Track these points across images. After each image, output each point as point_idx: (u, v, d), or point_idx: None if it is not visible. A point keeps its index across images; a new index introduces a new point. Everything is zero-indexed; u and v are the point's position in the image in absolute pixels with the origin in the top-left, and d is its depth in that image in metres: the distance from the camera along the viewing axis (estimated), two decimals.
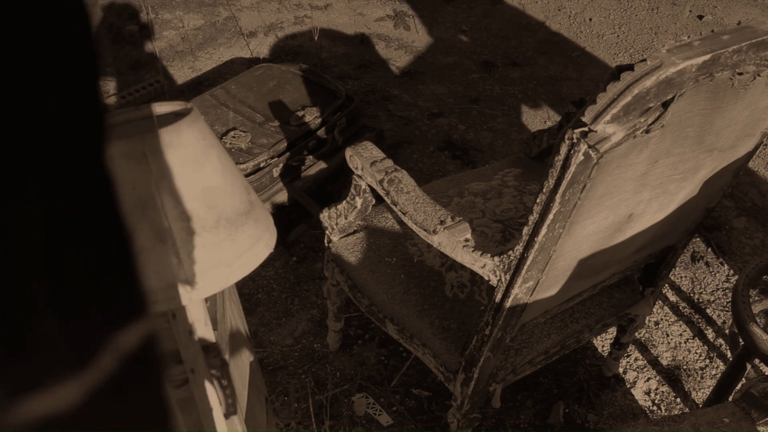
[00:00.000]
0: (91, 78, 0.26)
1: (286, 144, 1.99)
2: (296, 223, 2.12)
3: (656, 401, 1.69)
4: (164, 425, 0.34)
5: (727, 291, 1.99)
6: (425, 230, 1.17)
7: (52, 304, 0.26)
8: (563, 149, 0.83)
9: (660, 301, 1.95)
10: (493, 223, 1.35)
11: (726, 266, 2.07)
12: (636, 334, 1.76)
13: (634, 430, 1.12)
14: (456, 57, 3.12)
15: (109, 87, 2.88)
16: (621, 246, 1.14)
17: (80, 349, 0.28)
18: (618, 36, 3.27)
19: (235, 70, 2.89)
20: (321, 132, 2.09)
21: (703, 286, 2.01)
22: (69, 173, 0.26)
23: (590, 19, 3.39)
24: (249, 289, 1.95)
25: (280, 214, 2.01)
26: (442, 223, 1.15)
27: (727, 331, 1.86)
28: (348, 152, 1.33)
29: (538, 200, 0.90)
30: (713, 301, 1.96)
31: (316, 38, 3.12)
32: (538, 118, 2.74)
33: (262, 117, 2.07)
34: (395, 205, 1.24)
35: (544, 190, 0.88)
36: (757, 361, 1.63)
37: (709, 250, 2.13)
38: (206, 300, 0.78)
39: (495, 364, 1.25)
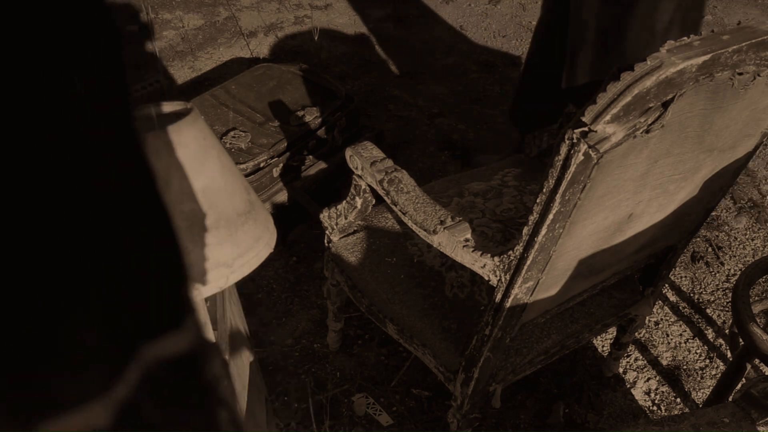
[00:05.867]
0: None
1: (286, 144, 1.99)
2: (296, 223, 2.12)
3: (656, 401, 1.69)
4: None
5: (727, 291, 1.99)
6: (425, 230, 1.17)
7: (76, 308, 0.21)
8: (563, 149, 0.83)
9: (660, 301, 1.95)
10: (493, 223, 1.35)
11: (726, 266, 2.07)
12: (636, 334, 1.76)
13: (634, 430, 1.12)
14: (456, 57, 3.12)
15: None
16: (621, 246, 1.14)
17: (108, 362, 0.22)
18: None
19: (235, 70, 2.88)
20: (321, 132, 2.09)
21: (703, 286, 2.01)
22: (101, 165, 0.22)
23: None
24: (249, 289, 1.95)
25: (280, 214, 2.01)
26: (442, 223, 1.15)
27: (727, 331, 1.86)
28: (348, 152, 1.33)
29: (538, 200, 0.90)
30: (713, 301, 1.96)
31: (316, 38, 3.12)
32: None
33: (262, 117, 2.07)
34: (395, 205, 1.24)
35: (544, 190, 0.88)
36: (757, 361, 1.63)
37: (709, 250, 2.12)
38: (206, 300, 0.78)
39: (495, 364, 1.25)
